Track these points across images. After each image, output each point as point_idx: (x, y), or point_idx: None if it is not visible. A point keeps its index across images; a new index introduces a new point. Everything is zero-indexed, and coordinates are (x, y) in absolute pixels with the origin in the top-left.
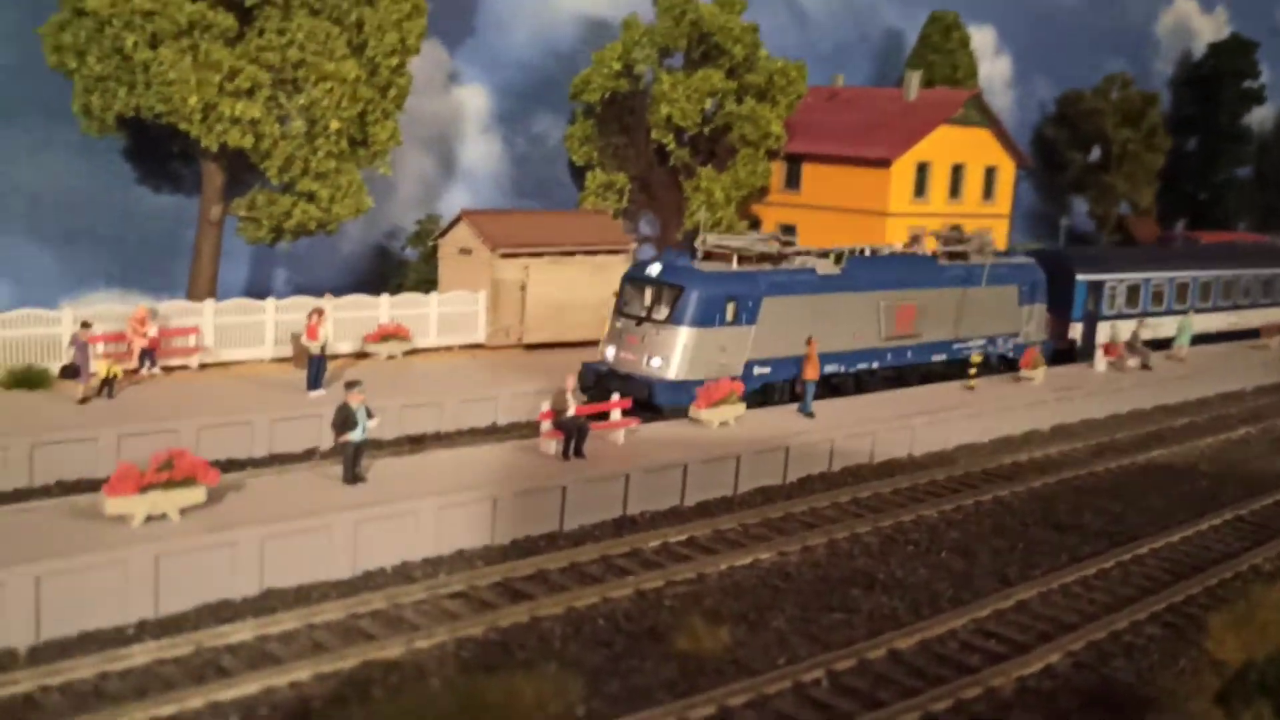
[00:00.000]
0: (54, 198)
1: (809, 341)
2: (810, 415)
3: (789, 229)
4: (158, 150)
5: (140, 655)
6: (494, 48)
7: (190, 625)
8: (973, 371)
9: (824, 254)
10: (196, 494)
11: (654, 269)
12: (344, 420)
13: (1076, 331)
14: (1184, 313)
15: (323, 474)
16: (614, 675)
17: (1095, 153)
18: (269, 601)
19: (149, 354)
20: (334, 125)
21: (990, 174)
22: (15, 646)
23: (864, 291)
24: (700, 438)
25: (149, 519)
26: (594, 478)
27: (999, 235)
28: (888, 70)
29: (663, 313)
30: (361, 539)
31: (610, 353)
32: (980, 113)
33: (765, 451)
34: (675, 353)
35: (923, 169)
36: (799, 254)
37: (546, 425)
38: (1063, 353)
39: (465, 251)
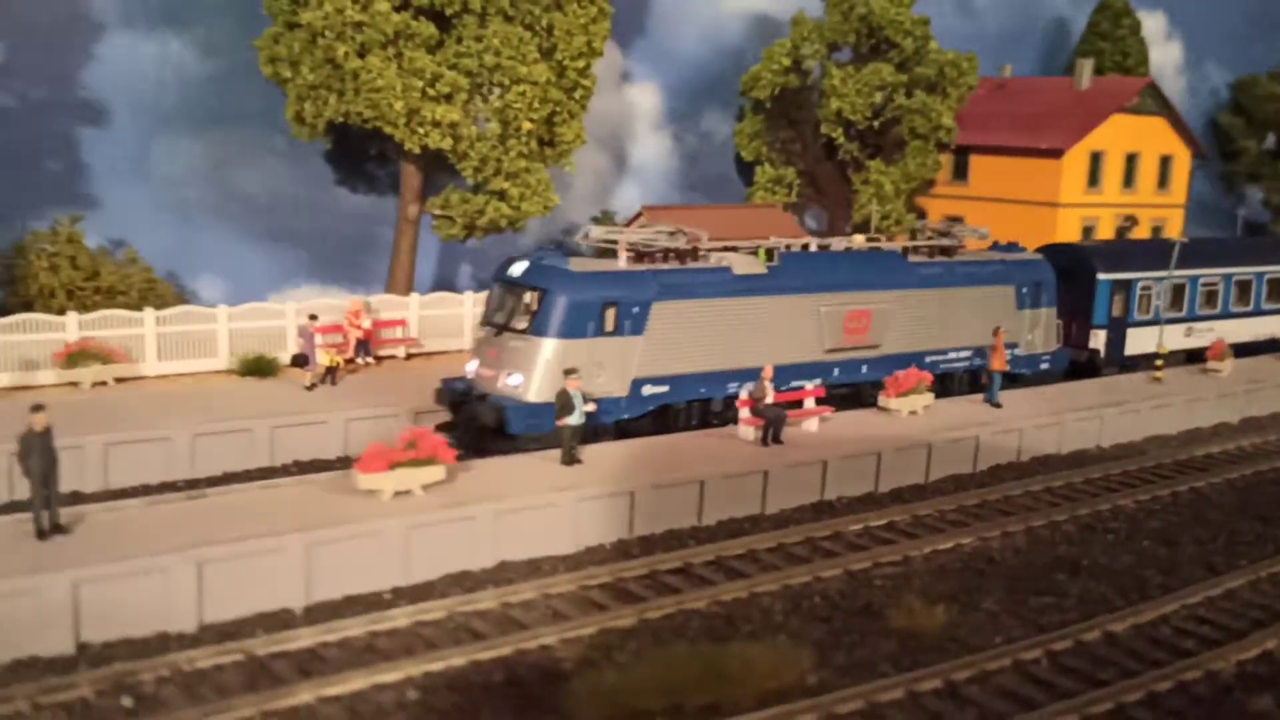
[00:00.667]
0: (264, 200)
1: (996, 332)
2: (997, 405)
3: (955, 221)
4: (355, 154)
5: (401, 618)
6: (664, 47)
7: (438, 593)
8: (1159, 363)
9: (753, 250)
10: (437, 472)
11: (517, 268)
12: (563, 405)
13: (1099, 339)
14: (1246, 315)
15: (542, 456)
16: (837, 648)
17: (1271, 140)
18: (505, 573)
19: (363, 344)
20: (526, 126)
21: (1165, 163)
22: (291, 607)
23: (798, 294)
24: (891, 426)
25: (396, 494)
26: (794, 463)
27: (1174, 226)
28: (1053, 59)
29: (523, 321)
30: (582, 516)
31: (471, 368)
32: (1155, 100)
33: (956, 441)
34: (535, 370)
35: (1096, 159)
36: (722, 250)
37: (745, 413)
38: (1083, 365)
39: None
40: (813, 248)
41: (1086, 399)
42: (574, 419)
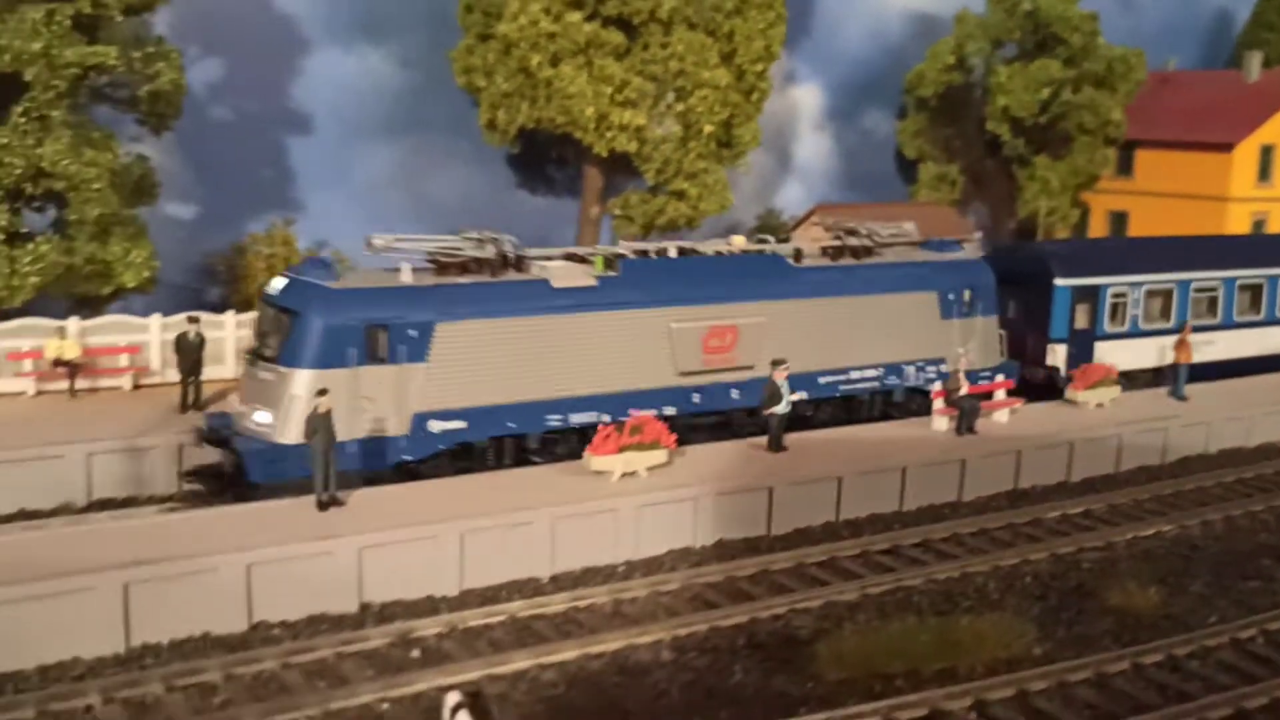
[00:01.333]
0: (452, 203)
1: (1184, 327)
2: (1183, 399)
3: (1120, 216)
4: (536, 158)
5: (639, 588)
6: (828, 47)
7: (667, 566)
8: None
9: (590, 258)
10: (660, 455)
11: (275, 285)
12: (771, 395)
13: (1059, 356)
14: (1255, 326)
15: (749, 443)
16: (1057, 624)
17: None
18: (724, 550)
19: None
20: (707, 129)
21: None
22: (539, 576)
23: (640, 309)
24: (1079, 418)
25: (623, 475)
26: (990, 452)
27: None
28: (1214, 52)
29: (273, 348)
30: (791, 500)
31: (235, 400)
32: None
33: (1145, 432)
34: (284, 406)
35: (1267, 152)
36: (546, 259)
37: (939, 403)
38: (1042, 385)
39: None
40: (671, 253)
41: (1275, 394)
42: (780, 408)
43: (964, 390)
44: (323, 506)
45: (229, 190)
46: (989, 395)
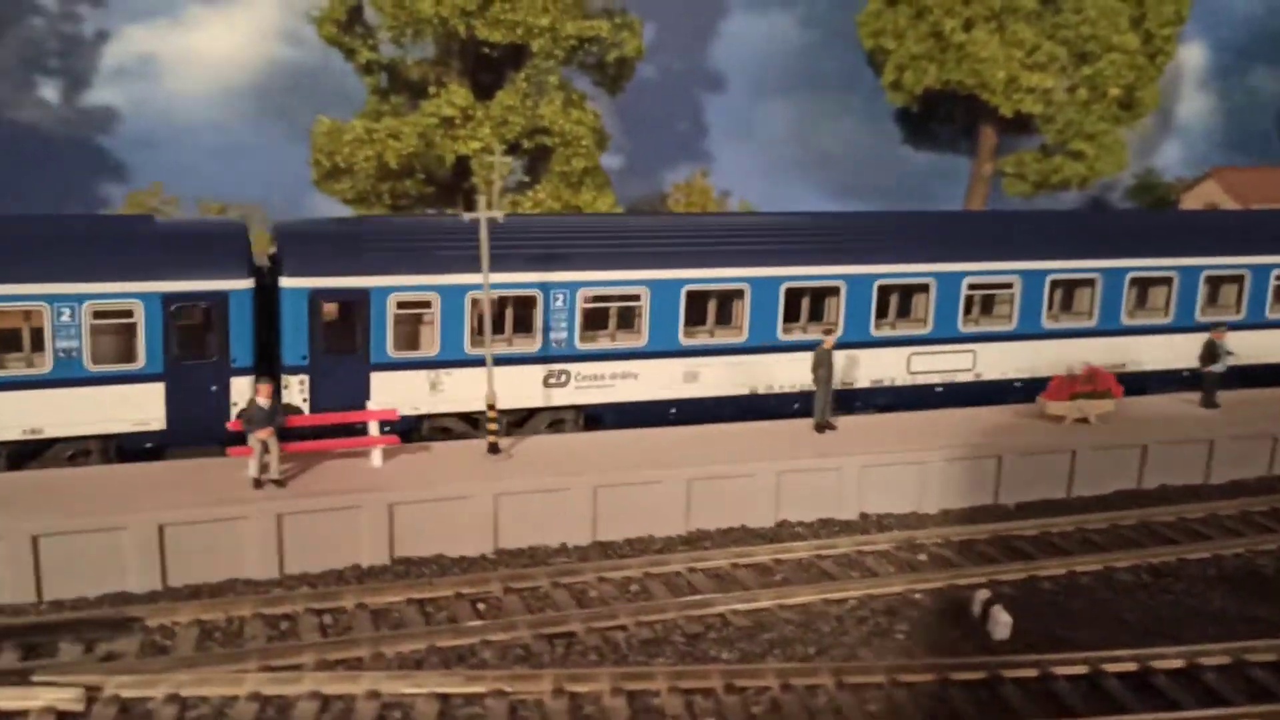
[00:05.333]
0: (841, 157)
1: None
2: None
3: None
4: (924, 115)
5: (1100, 521)
6: (1216, 5)
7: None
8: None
9: None
10: (1109, 404)
11: None
12: (1209, 352)
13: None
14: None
15: (1180, 399)
16: None
17: None
18: (1168, 493)
19: None
20: (1112, 92)
21: None
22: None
23: None
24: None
25: (1075, 420)
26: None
27: None
28: None
29: None
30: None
31: None
32: None
33: None
34: None
35: None
36: None
37: None
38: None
39: (1211, 206)
40: None
41: None
42: (1218, 367)
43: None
44: (820, 429)
45: (652, 143)
46: None
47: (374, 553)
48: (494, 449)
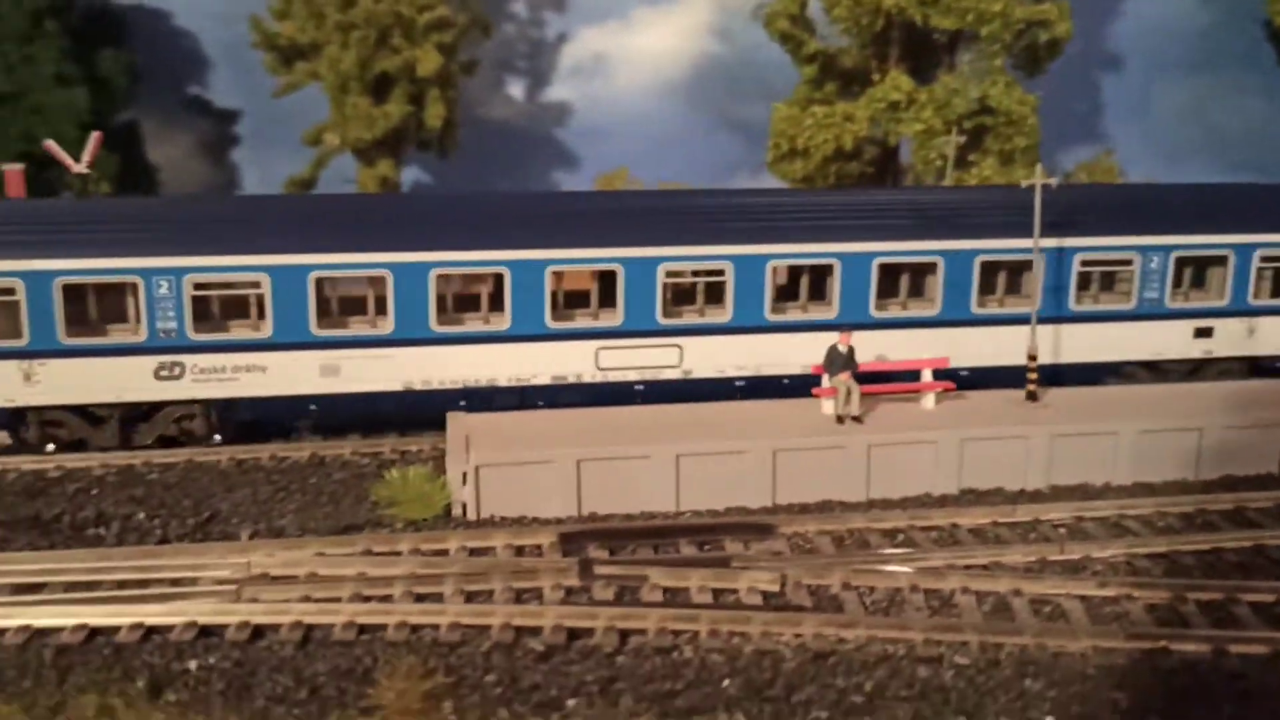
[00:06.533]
0: (1236, 134)
1: None
2: None
3: None
4: None
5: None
6: None
7: None
8: None
9: None
10: None
11: None
12: None
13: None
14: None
15: None
16: None
17: None
18: None
19: None
20: None
21: None
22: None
23: None
24: None
25: None
26: None
27: None
28: None
29: None
30: None
31: None
32: None
33: None
34: None
35: None
36: None
37: None
38: None
39: None
40: None
41: None
42: None
43: None
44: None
45: (1053, 122)
46: None
47: (945, 483)
48: (1032, 396)
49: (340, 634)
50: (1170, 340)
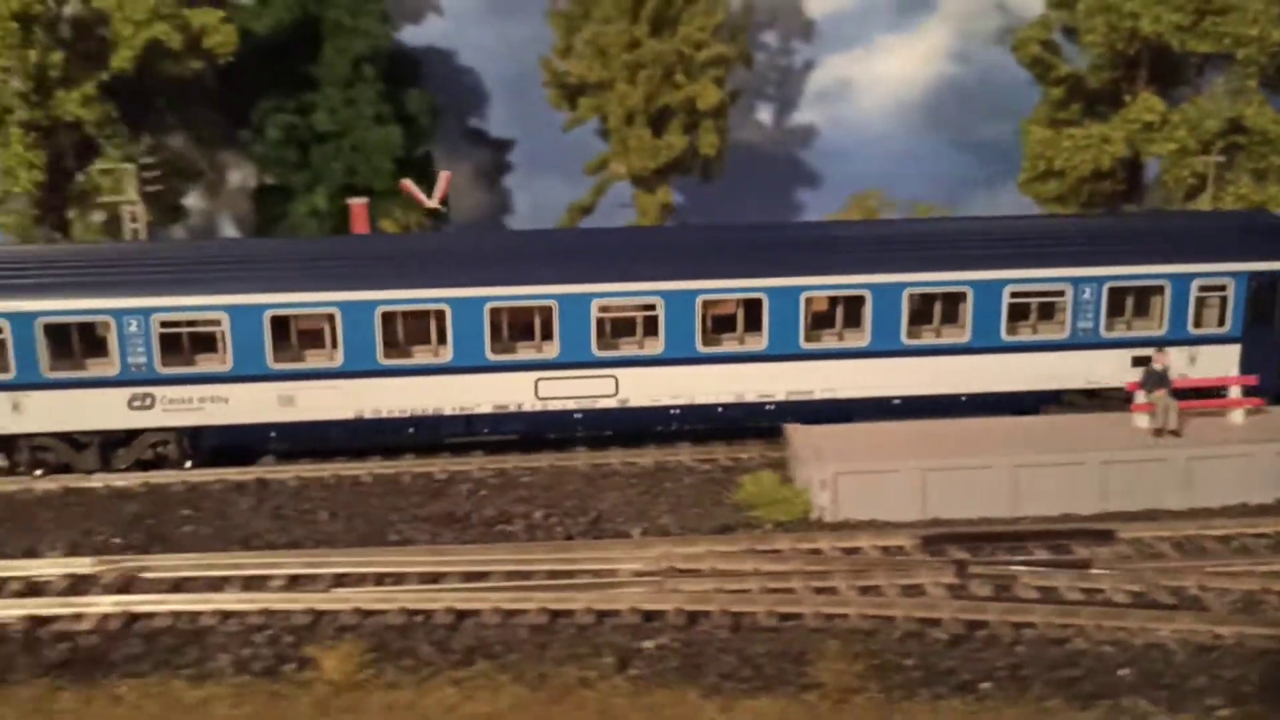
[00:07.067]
0: None
1: None
2: None
3: None
4: None
5: None
6: None
7: None
8: None
9: None
10: None
11: None
12: None
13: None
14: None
15: None
16: None
17: None
18: None
19: None
20: None
21: None
22: None
23: None
24: None
25: None
26: None
27: None
28: None
29: None
30: None
31: None
32: None
33: None
34: None
35: None
36: None
37: None
38: None
39: None
40: None
41: None
42: None
43: None
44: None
45: None
46: None
47: (1262, 493)
48: None
49: (764, 620)
50: None
